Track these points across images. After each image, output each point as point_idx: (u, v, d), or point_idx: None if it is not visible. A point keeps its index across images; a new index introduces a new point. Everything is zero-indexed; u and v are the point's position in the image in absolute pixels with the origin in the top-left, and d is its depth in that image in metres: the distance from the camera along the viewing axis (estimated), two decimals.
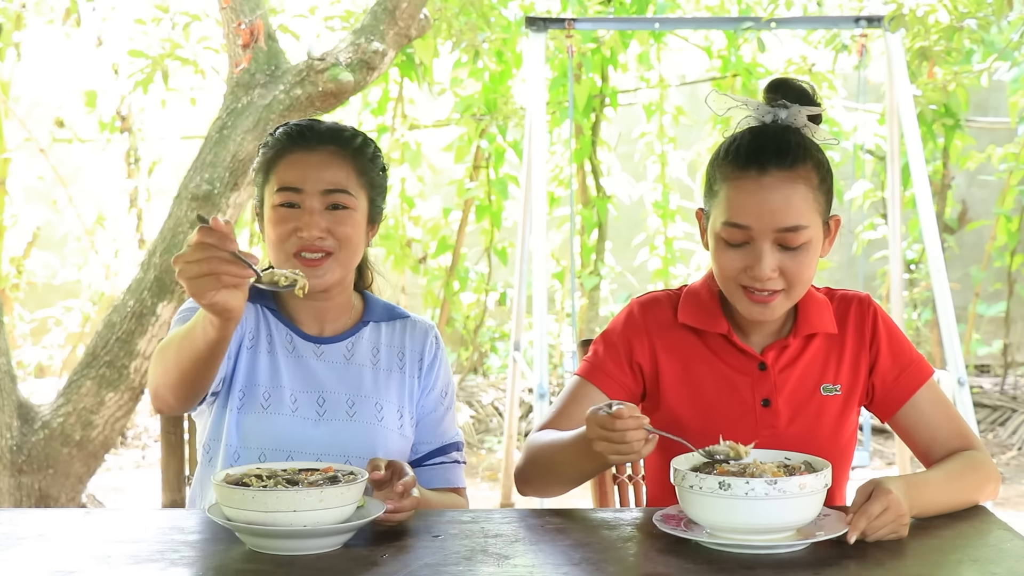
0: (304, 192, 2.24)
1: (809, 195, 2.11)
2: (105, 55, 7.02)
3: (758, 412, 2.21)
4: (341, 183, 2.25)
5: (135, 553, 1.88)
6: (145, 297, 4.61)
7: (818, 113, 2.18)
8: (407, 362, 2.37)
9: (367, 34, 4.74)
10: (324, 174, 2.25)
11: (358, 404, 2.29)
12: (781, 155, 2.10)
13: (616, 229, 8.01)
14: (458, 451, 2.41)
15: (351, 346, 2.34)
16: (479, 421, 7.45)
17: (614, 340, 2.27)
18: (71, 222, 7.74)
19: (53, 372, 7.89)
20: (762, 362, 2.22)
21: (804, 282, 2.15)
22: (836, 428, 2.23)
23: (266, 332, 2.31)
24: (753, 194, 2.10)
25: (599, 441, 1.95)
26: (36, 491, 4.58)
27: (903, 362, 2.24)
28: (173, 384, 2.05)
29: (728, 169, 2.13)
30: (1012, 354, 7.96)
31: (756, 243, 2.11)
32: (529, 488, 2.25)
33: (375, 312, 2.39)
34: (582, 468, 2.15)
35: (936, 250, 5.48)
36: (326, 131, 2.31)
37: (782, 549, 1.87)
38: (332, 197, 2.25)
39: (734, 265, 2.13)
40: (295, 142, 2.28)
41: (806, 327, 2.23)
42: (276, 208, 2.25)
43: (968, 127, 7.54)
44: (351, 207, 2.26)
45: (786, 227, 2.09)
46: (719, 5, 7.35)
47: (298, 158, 2.26)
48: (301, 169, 2.25)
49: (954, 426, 2.23)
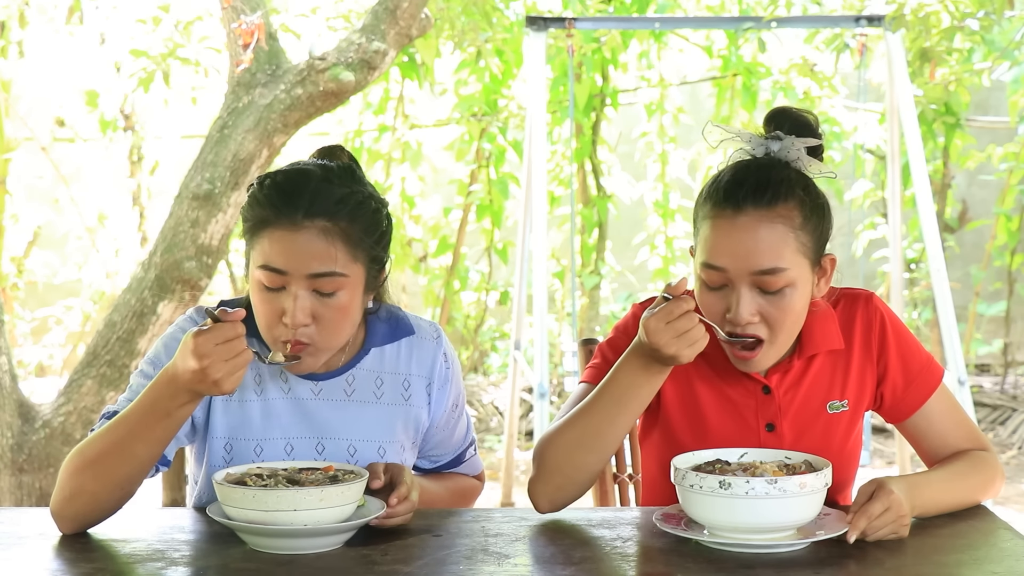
0: (288, 275, 2.01)
1: (789, 235, 2.01)
2: (107, 54, 7.03)
3: (762, 437, 2.15)
4: (329, 266, 2.01)
5: (135, 552, 1.88)
6: (146, 296, 4.61)
7: (818, 145, 2.08)
8: (413, 391, 2.21)
9: (368, 33, 4.74)
10: (310, 258, 2.00)
11: (360, 450, 2.15)
12: (758, 193, 2.01)
13: (616, 228, 8.01)
14: (472, 447, 2.36)
15: (352, 380, 2.17)
16: (479, 420, 7.45)
17: (620, 345, 2.16)
18: (72, 221, 7.75)
19: (54, 371, 7.89)
20: (766, 386, 2.15)
21: (788, 328, 2.06)
22: (843, 442, 2.18)
23: (254, 373, 2.14)
24: (727, 234, 2.01)
25: (663, 336, 1.91)
26: (37, 490, 4.57)
27: (913, 370, 2.17)
28: (108, 488, 1.94)
29: (708, 207, 2.05)
30: (1012, 353, 7.95)
31: (734, 285, 2.02)
32: (550, 490, 2.07)
33: (377, 335, 2.20)
34: (624, 409, 2.02)
35: (936, 249, 5.48)
36: (316, 199, 2.02)
37: (782, 548, 1.86)
38: (318, 282, 2.01)
39: (715, 309, 2.05)
40: (279, 213, 2.01)
41: (811, 347, 2.15)
42: (260, 286, 2.04)
43: (968, 126, 7.54)
44: (341, 287, 2.03)
45: (761, 269, 2.00)
46: (720, 5, 7.34)
47: (283, 235, 2.01)
48: (285, 248, 2.01)
49: (963, 431, 2.19)
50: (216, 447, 2.12)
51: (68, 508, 1.96)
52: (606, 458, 2.11)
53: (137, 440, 1.92)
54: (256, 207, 2.05)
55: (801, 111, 2.11)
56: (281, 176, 2.07)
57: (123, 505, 2.00)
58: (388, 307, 2.24)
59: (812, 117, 2.11)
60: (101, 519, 1.99)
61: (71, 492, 1.95)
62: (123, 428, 1.93)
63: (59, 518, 1.97)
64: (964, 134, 7.24)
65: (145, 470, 1.97)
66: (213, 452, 2.12)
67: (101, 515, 1.99)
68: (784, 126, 2.09)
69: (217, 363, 1.83)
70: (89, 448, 1.95)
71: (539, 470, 2.08)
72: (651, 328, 1.93)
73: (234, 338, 1.84)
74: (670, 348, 1.92)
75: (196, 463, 2.21)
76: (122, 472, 1.94)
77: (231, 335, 1.84)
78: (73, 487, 1.95)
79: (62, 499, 1.96)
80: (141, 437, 1.92)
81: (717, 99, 7.46)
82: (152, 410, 1.90)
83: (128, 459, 1.93)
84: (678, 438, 2.17)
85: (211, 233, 4.61)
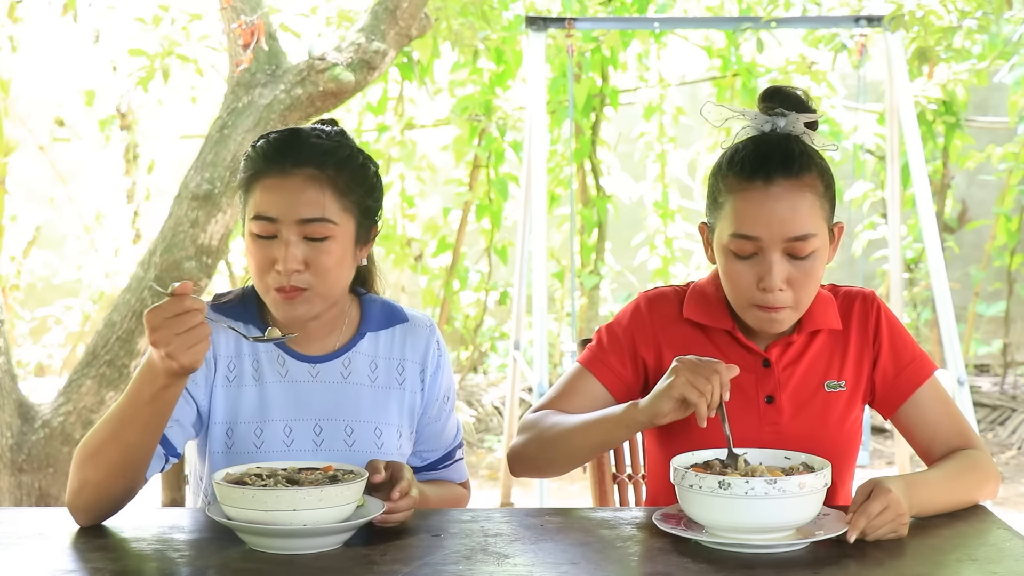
0: (279, 222, 2.09)
1: (816, 203, 2.11)
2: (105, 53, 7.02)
3: (762, 409, 2.21)
4: (318, 212, 2.09)
5: (135, 553, 1.88)
6: (145, 296, 4.61)
7: (814, 119, 2.16)
8: (407, 376, 2.26)
9: (368, 34, 4.74)
10: (300, 203, 2.08)
11: (357, 431, 2.19)
12: (787, 164, 2.10)
13: (616, 229, 8.01)
14: (460, 447, 2.40)
15: (348, 363, 2.23)
16: (479, 420, 7.45)
17: (618, 333, 2.27)
18: (71, 221, 7.75)
19: (53, 371, 7.89)
20: (766, 359, 2.23)
21: (810, 292, 2.15)
22: (840, 424, 2.23)
23: (252, 359, 2.18)
24: (761, 204, 2.09)
25: (681, 375, 1.99)
26: (36, 490, 4.58)
27: (904, 359, 2.24)
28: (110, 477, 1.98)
29: (733, 180, 2.12)
30: (1012, 354, 7.95)
31: (765, 254, 2.10)
32: (528, 467, 2.24)
33: (372, 320, 2.26)
34: (606, 436, 2.15)
35: (936, 250, 5.48)
36: (305, 149, 2.12)
37: (782, 548, 1.87)
38: (309, 228, 2.09)
39: (744, 278, 2.12)
40: (271, 163, 2.12)
41: (810, 324, 2.23)
42: (253, 237, 2.11)
43: (968, 126, 7.54)
44: (331, 235, 2.10)
45: (795, 236, 2.09)
46: (719, 5, 7.35)
47: (274, 183, 2.10)
48: (276, 196, 2.09)
49: (955, 424, 2.23)
50: (217, 433, 2.16)
51: (78, 500, 2.01)
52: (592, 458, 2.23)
53: (128, 427, 1.96)
54: (250, 163, 2.15)
55: (794, 88, 2.20)
56: (275, 134, 2.18)
57: (132, 494, 2.04)
58: (382, 299, 2.31)
59: (805, 93, 2.19)
60: (112, 509, 2.03)
61: (79, 484, 2.00)
62: (116, 417, 1.97)
63: (73, 510, 2.02)
64: (964, 134, 7.25)
65: (144, 458, 2.00)
66: (214, 439, 2.16)
67: (110, 505, 2.02)
68: (784, 103, 2.17)
69: (167, 335, 1.84)
70: (90, 440, 2.00)
71: (523, 449, 2.24)
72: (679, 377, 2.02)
73: (183, 312, 1.84)
74: (684, 390, 2.01)
75: (199, 457, 2.23)
76: (119, 461, 1.98)
77: (179, 309, 1.84)
78: (80, 479, 2.00)
79: (72, 492, 2.02)
80: (132, 424, 1.96)
81: (717, 99, 7.46)
82: (138, 396, 1.94)
83: (123, 448, 1.97)
84: None
85: (211, 233, 4.61)
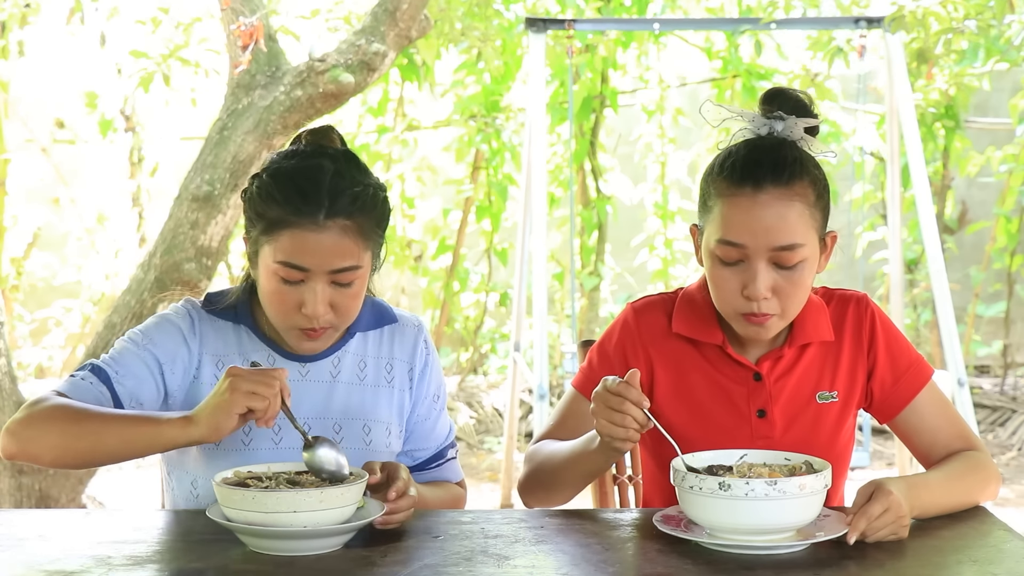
0: (310, 271, 2.07)
1: (805, 212, 2.07)
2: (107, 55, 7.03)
3: (753, 423, 2.20)
4: (350, 261, 2.08)
5: (135, 553, 1.88)
6: (145, 298, 4.61)
7: (815, 125, 2.13)
8: (396, 375, 2.28)
9: (368, 35, 4.74)
10: (334, 256, 2.06)
11: (345, 428, 2.21)
12: (777, 171, 2.06)
13: (616, 230, 8.01)
14: (453, 447, 2.40)
15: (337, 362, 2.24)
16: (479, 421, 7.45)
17: (608, 352, 2.26)
18: (71, 222, 7.75)
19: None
20: (757, 372, 2.20)
21: (798, 302, 2.12)
22: (833, 434, 2.22)
23: (243, 359, 2.18)
24: (748, 211, 2.05)
25: (598, 417, 1.97)
26: (36, 491, 4.58)
27: (901, 366, 2.22)
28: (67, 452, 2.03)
29: (723, 185, 2.09)
30: (1012, 355, 7.96)
31: (751, 262, 2.07)
32: (534, 499, 2.24)
33: (362, 320, 2.25)
34: (585, 467, 2.15)
35: (936, 251, 5.48)
36: (335, 198, 2.06)
37: (782, 550, 1.87)
38: (339, 276, 2.08)
39: (729, 285, 2.10)
40: (301, 213, 2.05)
41: (802, 336, 2.20)
42: (277, 277, 2.09)
43: (968, 128, 7.54)
44: (357, 277, 2.11)
45: (781, 246, 2.05)
46: (719, 7, 7.35)
47: (305, 236, 2.05)
48: (308, 249, 2.05)
49: (954, 428, 2.22)
50: None
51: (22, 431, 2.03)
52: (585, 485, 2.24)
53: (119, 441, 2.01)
54: (272, 204, 2.08)
55: (797, 91, 2.16)
56: (294, 172, 2.10)
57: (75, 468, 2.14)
58: (372, 299, 2.31)
59: (807, 97, 2.16)
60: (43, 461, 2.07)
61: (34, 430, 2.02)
62: (114, 422, 2.02)
63: (6, 433, 2.04)
64: (963, 136, 7.25)
65: (103, 462, 2.09)
66: None
67: (45, 457, 2.06)
68: (784, 107, 2.13)
69: (261, 400, 1.94)
70: (77, 414, 2.02)
71: (526, 481, 2.25)
72: (594, 401, 2.00)
73: (277, 382, 1.96)
74: (598, 424, 2.00)
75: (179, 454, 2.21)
76: (84, 449, 2.03)
77: (280, 379, 1.97)
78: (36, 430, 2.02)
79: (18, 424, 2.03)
80: (126, 442, 2.01)
81: (717, 100, 7.46)
82: (156, 437, 2.00)
83: (99, 445, 2.02)
84: (673, 427, 2.18)
85: (211, 235, 4.61)
